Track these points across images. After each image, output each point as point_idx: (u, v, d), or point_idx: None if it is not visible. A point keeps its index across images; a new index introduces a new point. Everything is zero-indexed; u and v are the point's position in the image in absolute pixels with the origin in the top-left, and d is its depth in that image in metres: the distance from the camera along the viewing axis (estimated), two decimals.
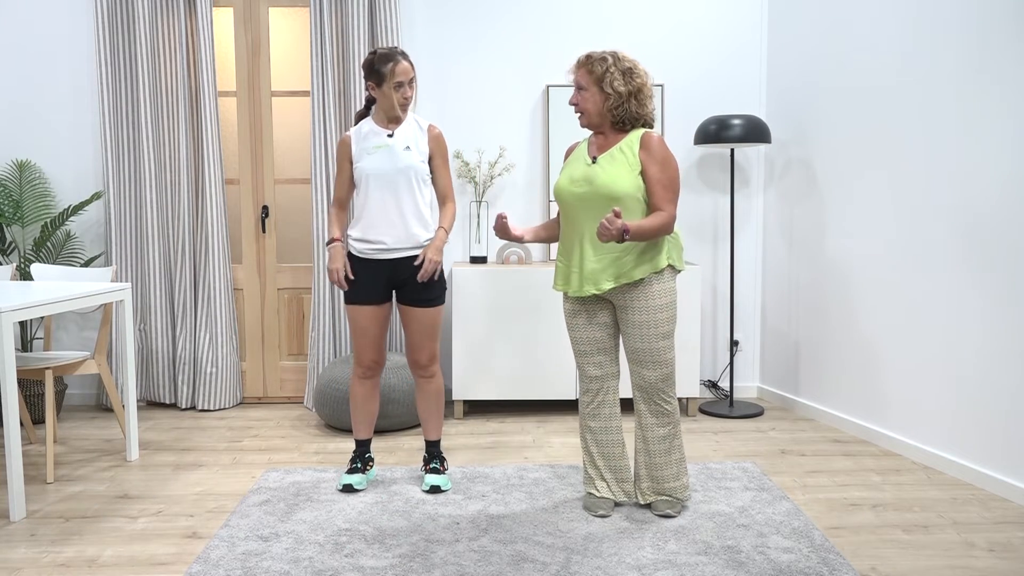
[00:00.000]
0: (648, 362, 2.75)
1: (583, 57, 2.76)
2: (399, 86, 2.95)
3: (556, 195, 2.82)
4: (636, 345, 2.75)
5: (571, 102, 2.80)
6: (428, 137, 3.06)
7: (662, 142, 2.70)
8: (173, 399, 4.47)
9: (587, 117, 2.78)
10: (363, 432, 3.17)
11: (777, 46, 4.43)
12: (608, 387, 2.86)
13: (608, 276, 2.71)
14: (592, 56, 2.74)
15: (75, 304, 3.15)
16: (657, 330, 2.72)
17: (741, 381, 4.66)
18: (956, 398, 3.25)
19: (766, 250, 4.56)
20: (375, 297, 3.03)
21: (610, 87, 2.70)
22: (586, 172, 2.73)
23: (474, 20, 4.47)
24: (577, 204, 2.73)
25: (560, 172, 2.87)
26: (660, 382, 2.77)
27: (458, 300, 4.07)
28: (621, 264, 2.70)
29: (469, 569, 2.42)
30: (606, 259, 2.70)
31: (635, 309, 2.72)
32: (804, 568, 2.42)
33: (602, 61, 2.72)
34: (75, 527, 2.79)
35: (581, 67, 2.76)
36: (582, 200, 2.72)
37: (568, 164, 2.84)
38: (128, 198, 4.37)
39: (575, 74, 2.78)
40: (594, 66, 2.72)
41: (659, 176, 2.67)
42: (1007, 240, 3.01)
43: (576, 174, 2.76)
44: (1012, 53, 2.97)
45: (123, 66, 4.32)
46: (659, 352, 2.74)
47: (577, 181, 2.74)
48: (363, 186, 3.00)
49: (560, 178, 2.82)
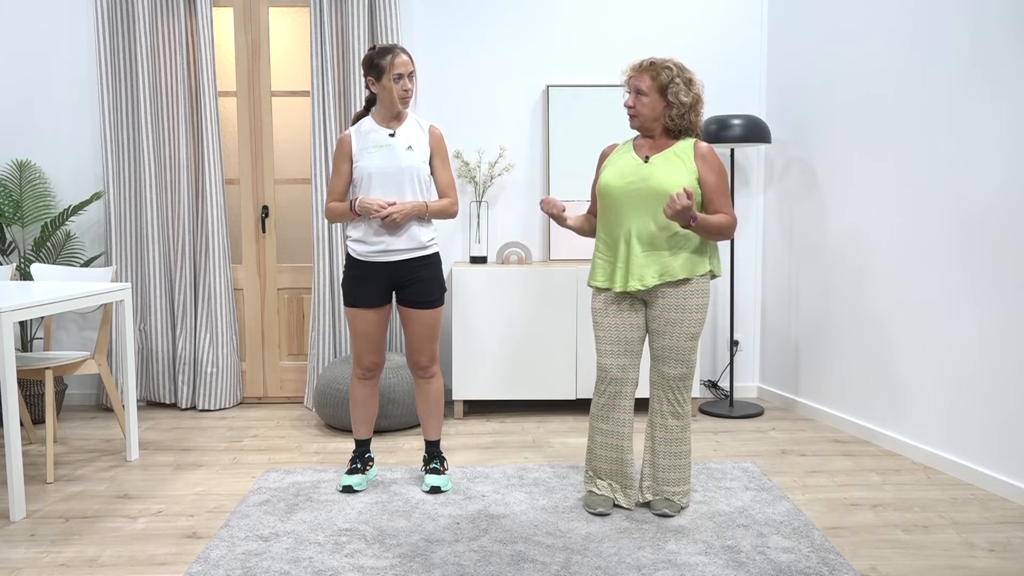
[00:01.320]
0: (671, 360, 2.77)
1: (646, 62, 2.75)
2: (399, 78, 2.92)
3: (602, 190, 2.80)
4: (664, 343, 2.76)
5: (627, 104, 2.79)
6: (429, 137, 3.05)
7: (713, 150, 2.75)
8: (173, 399, 4.47)
9: (640, 120, 2.78)
10: (363, 432, 3.17)
11: (777, 46, 4.43)
12: (625, 392, 2.83)
13: (654, 272, 2.72)
14: (657, 63, 2.74)
15: (75, 304, 3.15)
16: (687, 330, 2.74)
17: (741, 381, 4.66)
18: (956, 398, 3.25)
19: (766, 250, 4.56)
20: (375, 300, 3.02)
21: (675, 97, 2.72)
22: (639, 169, 2.74)
23: (474, 20, 4.47)
24: (626, 200, 2.74)
25: (602, 170, 2.85)
26: (678, 380, 2.79)
27: (458, 300, 4.07)
28: (666, 262, 2.72)
29: (469, 569, 2.42)
30: (653, 255, 2.72)
31: (671, 307, 2.74)
32: (804, 568, 2.42)
33: (667, 70, 2.72)
34: (75, 527, 2.79)
35: (644, 72, 2.75)
36: (632, 196, 2.72)
37: (612, 162, 2.83)
38: (128, 198, 4.37)
39: (634, 77, 2.76)
40: (660, 73, 2.72)
41: (717, 183, 2.73)
42: (1007, 240, 3.01)
43: (627, 170, 2.76)
44: (1011, 52, 2.97)
45: (123, 66, 4.32)
46: (684, 352, 2.76)
47: (629, 177, 2.74)
48: (364, 185, 2.97)
49: (605, 174, 2.81)
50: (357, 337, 3.05)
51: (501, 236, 4.54)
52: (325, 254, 4.34)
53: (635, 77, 2.77)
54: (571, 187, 4.44)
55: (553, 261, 4.43)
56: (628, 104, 2.79)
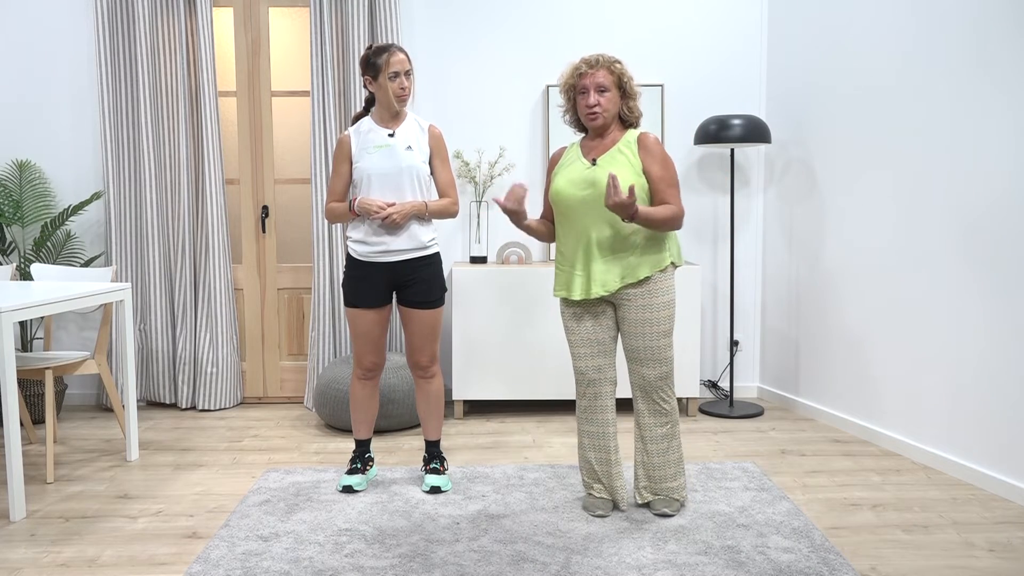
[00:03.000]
0: (648, 360, 2.75)
1: (596, 57, 2.71)
2: (395, 76, 2.91)
3: (555, 200, 2.77)
4: (636, 343, 2.74)
5: (591, 104, 2.69)
6: (428, 137, 3.05)
7: (658, 140, 2.72)
8: (173, 399, 4.47)
9: (604, 118, 2.73)
10: (363, 432, 3.17)
11: (777, 46, 4.43)
12: (604, 392, 2.83)
13: (616, 276, 2.71)
14: (604, 57, 2.71)
15: (75, 304, 3.15)
16: (658, 328, 2.72)
17: (741, 381, 4.66)
18: (956, 398, 3.25)
19: (766, 250, 4.56)
20: (376, 301, 3.02)
21: (630, 86, 2.72)
22: (587, 175, 2.71)
23: (474, 20, 4.47)
24: (580, 207, 2.72)
25: (553, 177, 2.82)
26: (659, 380, 2.77)
27: (458, 300, 4.07)
28: (627, 263, 2.70)
29: (469, 569, 2.42)
30: (613, 259, 2.71)
31: (637, 307, 2.72)
32: (804, 568, 2.42)
33: (617, 64, 2.71)
34: (75, 527, 2.79)
35: (601, 67, 2.70)
36: (585, 203, 2.70)
37: (562, 168, 2.80)
38: (128, 198, 4.37)
39: (590, 75, 2.70)
40: (613, 66, 2.70)
41: (662, 174, 2.69)
42: (1007, 239, 3.01)
43: (575, 176, 2.73)
44: (1011, 52, 2.97)
45: (123, 66, 4.32)
46: (659, 350, 2.74)
47: (578, 183, 2.72)
48: (364, 186, 2.97)
49: (556, 182, 2.77)
50: (357, 337, 3.05)
51: (501, 236, 4.54)
52: (325, 254, 4.34)
53: (591, 74, 2.70)
54: None
55: (553, 261, 4.42)
56: (589, 104, 2.69)
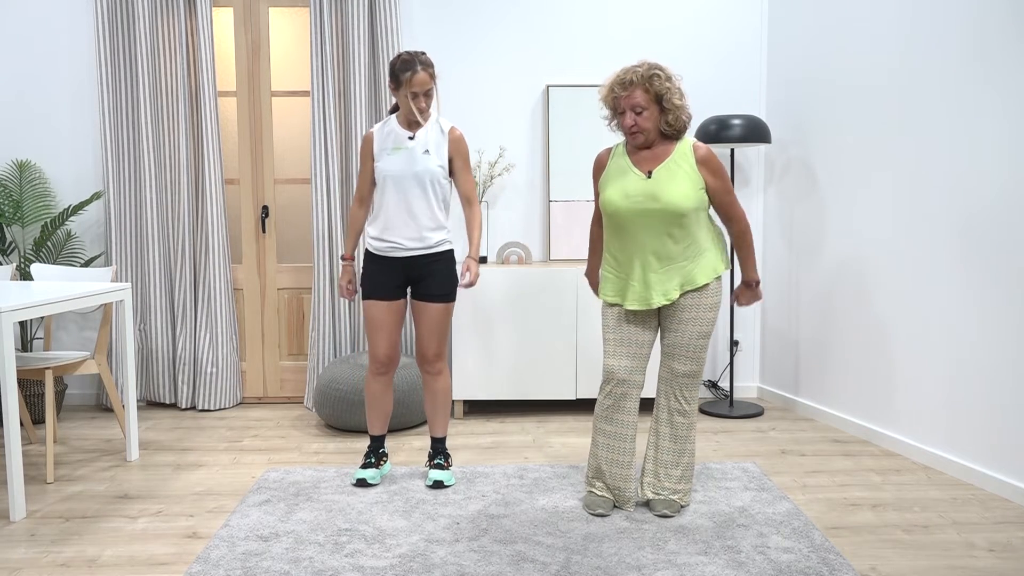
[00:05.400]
0: (681, 356, 2.77)
1: (631, 77, 2.62)
2: (414, 96, 2.96)
3: (609, 211, 2.72)
4: (676, 340, 2.76)
5: (629, 125, 2.65)
6: (448, 140, 3.07)
7: (711, 151, 2.70)
8: (173, 399, 4.47)
9: (645, 136, 2.68)
10: (377, 428, 3.20)
11: (777, 46, 4.43)
12: (630, 394, 2.81)
13: (676, 285, 2.71)
14: (643, 73, 2.62)
15: (75, 304, 3.15)
16: (700, 328, 2.75)
17: (741, 381, 4.66)
18: (956, 398, 3.25)
19: (766, 250, 4.56)
20: (390, 293, 3.09)
21: (670, 103, 2.64)
22: (645, 187, 2.66)
23: (474, 20, 4.47)
24: (637, 220, 2.68)
25: (603, 186, 2.76)
26: (686, 378, 2.79)
27: (458, 300, 4.07)
28: (685, 272, 2.71)
29: (469, 569, 2.42)
30: (671, 268, 2.71)
31: (688, 307, 2.74)
32: (804, 568, 2.42)
33: (656, 77, 2.62)
34: (75, 527, 2.79)
35: (636, 87, 2.62)
36: (644, 216, 2.67)
37: (613, 177, 2.75)
38: (128, 198, 4.37)
39: (625, 97, 2.64)
40: (651, 83, 2.62)
41: (724, 186, 2.72)
42: (1007, 239, 3.01)
43: (631, 189, 2.68)
44: (1011, 52, 2.97)
45: (123, 66, 4.32)
46: (696, 349, 2.76)
47: (635, 197, 2.67)
48: (381, 186, 3.06)
49: (609, 193, 2.71)
50: (372, 327, 3.10)
51: (501, 236, 4.54)
52: (325, 254, 4.34)
53: (626, 97, 2.64)
54: (571, 187, 4.44)
55: (553, 261, 4.43)
56: (628, 124, 2.66)
